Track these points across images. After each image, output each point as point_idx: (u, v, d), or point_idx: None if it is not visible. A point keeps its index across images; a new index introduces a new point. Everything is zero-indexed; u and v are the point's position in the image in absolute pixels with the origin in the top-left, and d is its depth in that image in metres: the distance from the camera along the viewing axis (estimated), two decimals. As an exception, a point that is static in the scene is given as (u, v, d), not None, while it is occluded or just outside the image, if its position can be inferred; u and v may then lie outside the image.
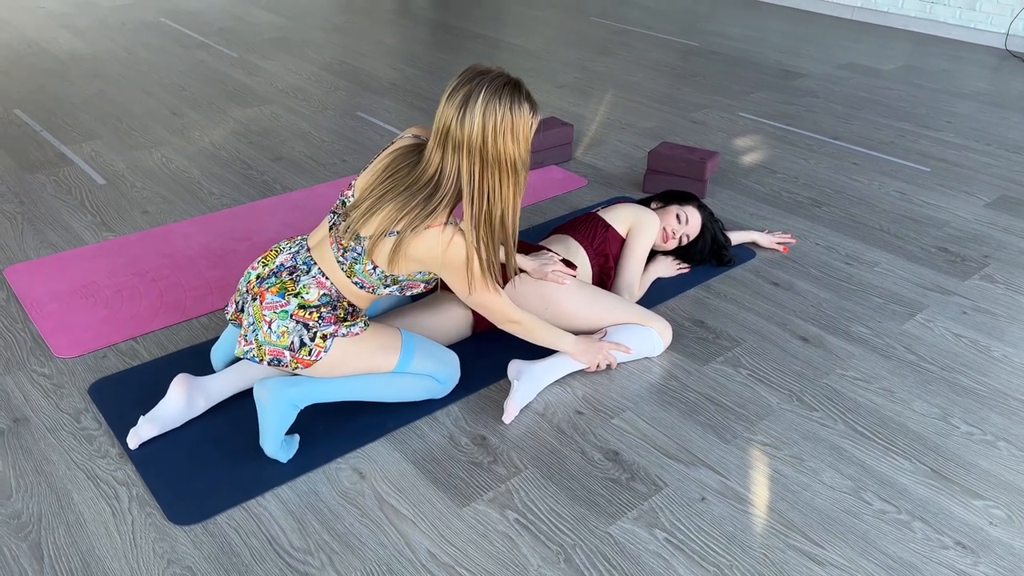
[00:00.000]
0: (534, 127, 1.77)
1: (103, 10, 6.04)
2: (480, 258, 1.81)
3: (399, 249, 1.77)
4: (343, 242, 1.84)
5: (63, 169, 3.42)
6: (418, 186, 1.77)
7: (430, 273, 1.88)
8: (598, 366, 2.20)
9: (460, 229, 1.79)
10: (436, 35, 5.62)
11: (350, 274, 1.85)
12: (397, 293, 1.92)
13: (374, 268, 1.83)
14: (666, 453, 1.98)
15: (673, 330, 2.42)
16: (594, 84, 4.67)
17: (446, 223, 1.78)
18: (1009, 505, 1.85)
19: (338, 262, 1.86)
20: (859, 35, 5.89)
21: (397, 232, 1.76)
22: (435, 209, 1.75)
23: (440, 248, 1.77)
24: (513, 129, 1.71)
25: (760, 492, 1.87)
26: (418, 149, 1.84)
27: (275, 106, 4.19)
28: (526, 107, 1.73)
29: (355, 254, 1.83)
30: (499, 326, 2.02)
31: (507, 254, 1.88)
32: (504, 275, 2.16)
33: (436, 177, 1.76)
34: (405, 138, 1.88)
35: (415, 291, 1.93)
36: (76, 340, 2.32)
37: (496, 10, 6.36)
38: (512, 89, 1.72)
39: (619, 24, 6.01)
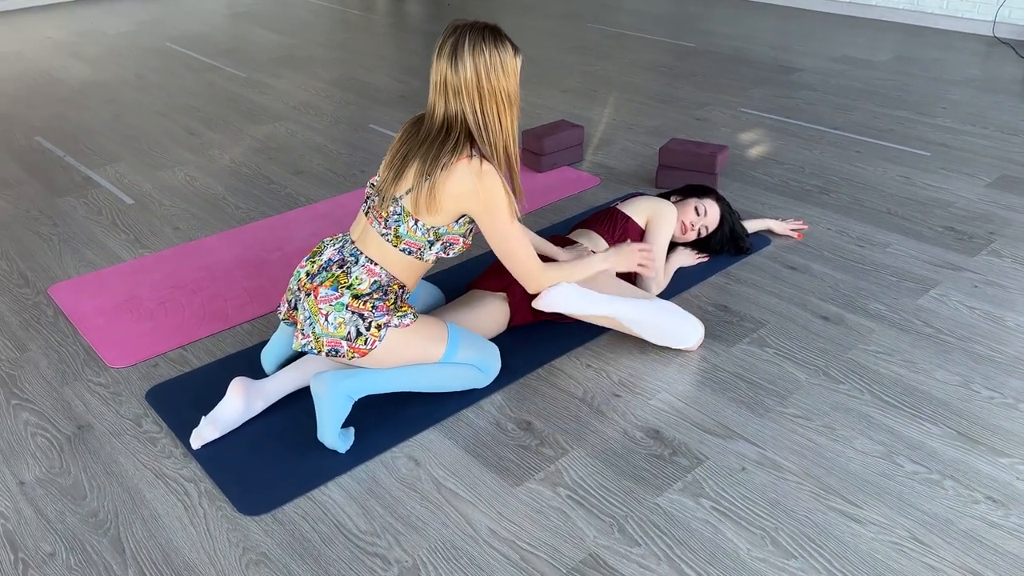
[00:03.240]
0: (519, 64, 1.95)
1: (109, 37, 6.15)
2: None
3: (435, 189, 1.90)
4: (382, 213, 1.98)
5: (91, 191, 3.52)
6: (431, 136, 1.93)
7: (466, 223, 2.01)
8: (639, 267, 2.33)
9: (484, 158, 1.95)
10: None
11: (396, 242, 1.98)
12: (441, 254, 2.03)
13: (416, 223, 1.96)
14: (704, 429, 2.07)
15: (698, 315, 2.52)
16: (597, 87, 4.79)
17: (471, 156, 1.92)
18: (1033, 461, 1.95)
19: (382, 235, 1.99)
20: (850, 29, 6.03)
21: (430, 176, 1.90)
22: (455, 146, 1.90)
23: (474, 177, 1.91)
24: (502, 64, 1.90)
25: (797, 460, 1.97)
26: (421, 118, 2.02)
27: (289, 122, 4.30)
28: (508, 45, 1.93)
29: (396, 216, 1.97)
30: (530, 285, 2.09)
31: (514, 182, 2.04)
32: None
33: (444, 123, 1.93)
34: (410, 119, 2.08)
35: (456, 248, 2.05)
36: (127, 351, 2.42)
37: (490, 20, 6.48)
38: (492, 32, 1.92)
39: (614, 29, 6.14)
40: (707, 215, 2.74)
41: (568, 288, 2.17)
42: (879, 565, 1.69)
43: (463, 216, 1.99)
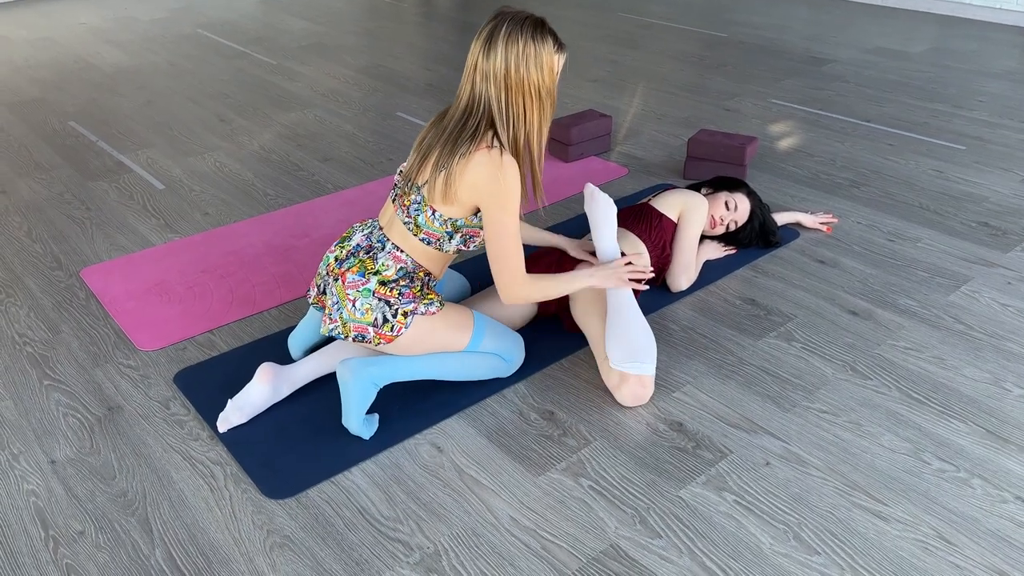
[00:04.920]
0: (560, 61, 1.89)
1: (142, 24, 6.21)
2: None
3: (451, 178, 1.88)
4: (406, 201, 1.98)
5: (123, 176, 3.56)
6: (453, 122, 1.91)
7: None
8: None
9: (506, 150, 1.90)
10: (465, 36, 5.73)
11: (416, 231, 1.97)
12: (462, 247, 2.02)
13: (434, 213, 1.94)
14: (728, 422, 2.06)
15: (724, 309, 2.51)
16: (626, 77, 4.76)
17: (491, 146, 1.88)
18: (1065, 462, 1.92)
19: (404, 223, 1.98)
20: (884, 20, 5.93)
21: (446, 166, 1.88)
22: (474, 134, 1.87)
23: (494, 168, 1.86)
24: (536, 58, 1.84)
25: (822, 456, 1.95)
26: (447, 109, 2.00)
27: (318, 110, 4.32)
28: (549, 40, 1.86)
29: (416, 204, 1.95)
30: (509, 292, 1.99)
31: (534, 179, 2.00)
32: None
33: (467, 107, 1.90)
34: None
35: (477, 241, 2.03)
36: (156, 334, 2.45)
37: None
38: (534, 23, 1.86)
39: (645, 18, 6.09)
40: (737, 210, 2.71)
41: (611, 209, 2.20)
42: (903, 563, 1.67)
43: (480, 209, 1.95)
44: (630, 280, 2.15)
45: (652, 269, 2.24)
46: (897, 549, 1.70)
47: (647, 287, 2.28)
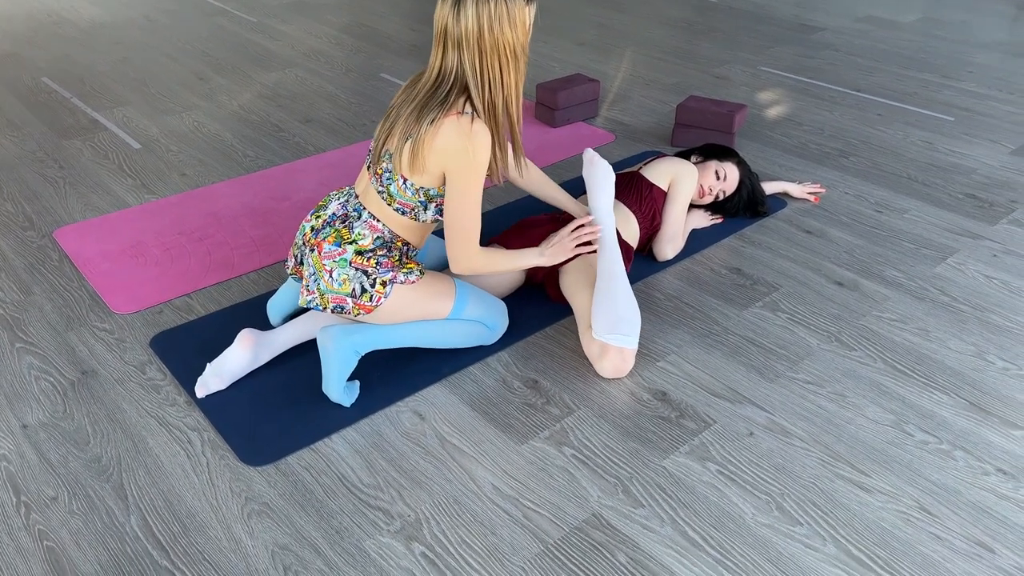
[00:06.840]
0: (531, 15, 1.80)
1: (117, -22, 6.03)
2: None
3: (419, 146, 1.80)
4: (378, 170, 1.91)
5: (98, 135, 3.47)
6: (425, 89, 1.82)
7: None
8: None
9: (477, 116, 1.81)
10: (452, -4, 5.60)
11: (390, 201, 1.91)
12: (439, 216, 1.96)
13: (404, 183, 1.87)
14: (712, 392, 2.05)
15: (710, 278, 2.48)
16: (614, 41, 4.68)
17: (461, 112, 1.80)
18: (1046, 434, 1.92)
19: (378, 192, 1.92)
20: (876, -12, 5.86)
21: (413, 134, 1.81)
22: (443, 101, 1.79)
23: (463, 136, 1.77)
24: (509, 16, 1.74)
25: (806, 426, 1.94)
26: (423, 73, 1.92)
27: (299, 69, 4.22)
28: None
29: (388, 174, 1.89)
30: (460, 263, 1.95)
31: (515, 143, 1.94)
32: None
33: (439, 75, 1.81)
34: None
35: None
36: (132, 297, 2.39)
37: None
38: None
39: (634, -18, 5.98)
40: (726, 180, 2.68)
41: (610, 176, 2.23)
42: (885, 534, 1.67)
43: None
44: (582, 245, 2.19)
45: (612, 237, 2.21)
46: (879, 520, 1.70)
47: (593, 250, 2.22)
